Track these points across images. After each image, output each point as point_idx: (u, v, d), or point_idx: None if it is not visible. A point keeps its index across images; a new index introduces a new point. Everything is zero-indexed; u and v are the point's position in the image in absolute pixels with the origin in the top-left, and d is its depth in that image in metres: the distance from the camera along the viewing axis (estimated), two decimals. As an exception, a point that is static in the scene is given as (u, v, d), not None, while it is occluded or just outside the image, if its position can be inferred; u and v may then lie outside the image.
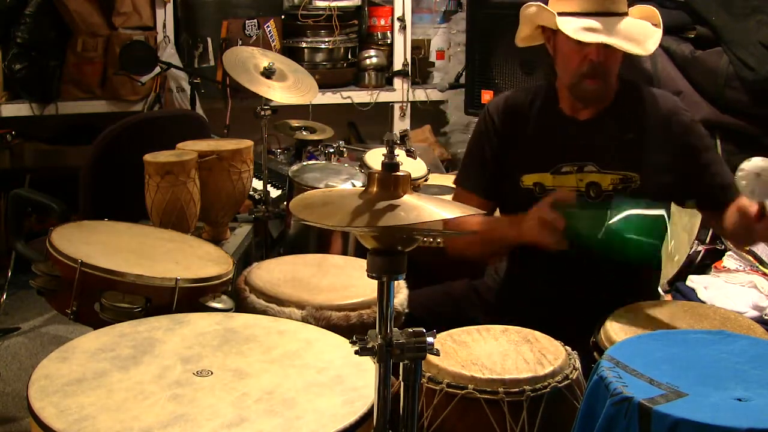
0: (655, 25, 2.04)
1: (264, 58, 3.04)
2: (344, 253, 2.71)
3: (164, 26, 4.21)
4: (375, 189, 1.32)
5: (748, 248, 2.81)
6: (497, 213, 2.28)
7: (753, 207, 1.80)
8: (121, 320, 1.79)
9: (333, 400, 1.47)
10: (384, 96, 4.65)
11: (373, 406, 1.37)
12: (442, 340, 1.76)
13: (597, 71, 2.00)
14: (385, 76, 4.66)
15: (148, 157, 2.37)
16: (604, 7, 1.97)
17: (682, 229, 3.18)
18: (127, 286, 1.87)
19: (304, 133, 3.54)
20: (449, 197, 2.45)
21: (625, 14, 2.02)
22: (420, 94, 4.70)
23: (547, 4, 2.05)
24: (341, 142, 3.35)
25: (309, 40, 4.48)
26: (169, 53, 4.14)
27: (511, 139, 2.16)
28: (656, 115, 2.09)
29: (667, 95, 2.18)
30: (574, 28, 1.95)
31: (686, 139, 2.07)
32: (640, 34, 1.98)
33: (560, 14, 1.98)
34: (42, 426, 1.36)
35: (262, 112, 3.04)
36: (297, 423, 1.39)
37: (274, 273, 2.14)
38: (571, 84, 2.05)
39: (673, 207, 2.21)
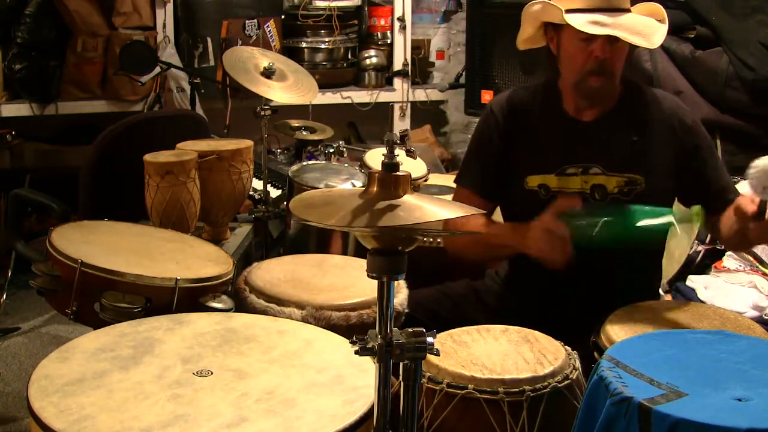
0: (660, 20, 2.04)
1: (264, 58, 3.04)
2: (344, 253, 2.72)
3: (164, 26, 4.21)
4: (375, 189, 1.32)
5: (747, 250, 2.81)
6: (498, 214, 2.28)
7: (751, 205, 1.78)
8: (121, 320, 1.79)
9: (333, 400, 1.47)
10: (384, 96, 4.65)
11: (373, 406, 1.37)
12: (442, 340, 1.76)
13: (603, 68, 2.00)
14: (385, 76, 4.66)
15: (148, 157, 2.37)
16: (609, 3, 1.98)
17: (682, 230, 3.18)
18: (127, 286, 1.87)
19: (304, 133, 3.54)
20: (449, 197, 2.45)
21: (628, 10, 2.02)
22: (420, 94, 4.70)
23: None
24: (341, 142, 3.35)
25: (309, 40, 4.48)
26: (169, 53, 4.14)
27: (515, 139, 2.15)
28: (660, 116, 2.08)
29: (669, 96, 2.17)
30: (581, 21, 1.95)
31: (689, 140, 2.07)
32: (646, 28, 1.99)
33: (566, 11, 1.98)
34: (42, 426, 1.36)
35: (262, 112, 3.04)
36: (297, 423, 1.39)
37: (274, 273, 2.14)
38: (576, 82, 2.04)
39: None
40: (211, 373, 1.54)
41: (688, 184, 2.08)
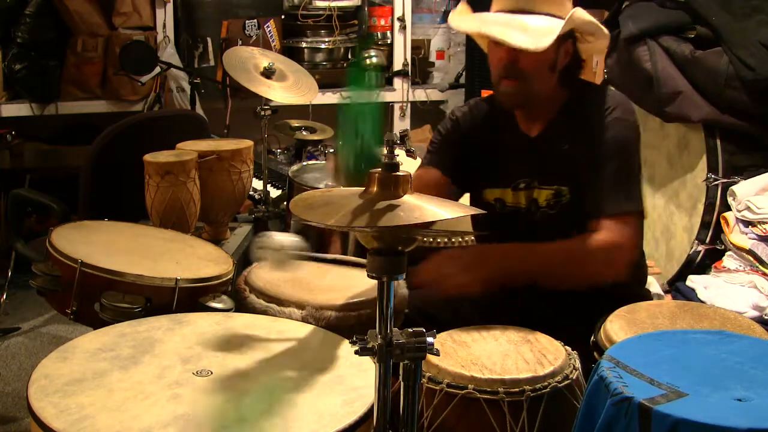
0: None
1: (264, 58, 3.05)
2: (344, 253, 2.71)
3: (164, 26, 4.21)
4: (375, 189, 1.32)
5: (747, 249, 2.81)
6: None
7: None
8: (121, 320, 1.79)
9: (333, 400, 1.46)
10: (384, 96, 4.65)
11: (373, 406, 1.37)
12: (442, 340, 1.76)
13: (511, 72, 1.96)
14: (385, 76, 4.66)
15: (148, 157, 2.37)
16: (516, 5, 1.93)
17: (683, 230, 3.18)
18: (127, 286, 1.87)
19: (304, 133, 3.55)
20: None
21: (549, 15, 1.93)
22: (420, 94, 4.70)
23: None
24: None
25: (309, 40, 4.48)
26: (169, 53, 4.15)
27: (473, 148, 2.16)
28: (590, 122, 2.00)
29: (615, 99, 2.02)
30: (462, 21, 1.97)
31: (607, 144, 1.96)
32: (542, 29, 1.89)
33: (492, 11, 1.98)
34: (42, 426, 1.36)
35: (262, 112, 3.05)
36: (297, 423, 1.39)
37: (274, 273, 2.14)
38: (494, 88, 2.04)
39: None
40: (211, 373, 1.54)
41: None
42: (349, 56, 4.59)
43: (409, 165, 1.44)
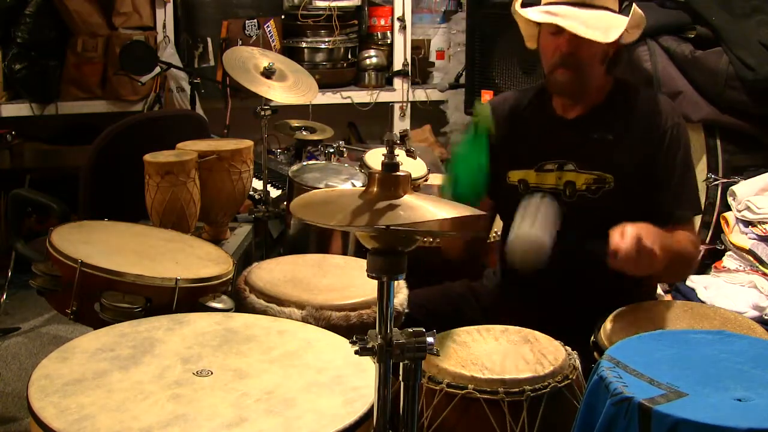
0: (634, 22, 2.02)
1: (264, 58, 3.04)
2: (344, 253, 2.71)
3: (164, 26, 4.21)
4: (375, 189, 1.32)
5: (747, 249, 2.81)
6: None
7: (616, 242, 1.73)
8: (121, 320, 1.79)
9: (333, 400, 1.47)
10: (384, 96, 4.65)
11: (373, 406, 1.37)
12: (442, 339, 1.76)
13: (567, 61, 2.00)
14: (385, 76, 4.66)
15: (148, 157, 2.37)
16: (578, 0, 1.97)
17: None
18: (127, 286, 1.87)
19: (304, 133, 3.54)
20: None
21: (605, 9, 1.98)
22: (420, 94, 4.70)
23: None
24: (341, 142, 3.35)
25: (309, 40, 4.48)
26: (169, 53, 4.14)
27: (504, 139, 2.17)
28: (641, 118, 2.06)
29: (662, 100, 2.12)
30: (533, 11, 1.98)
31: (662, 146, 2.03)
32: (605, 23, 1.95)
33: (543, 3, 2.01)
34: (42, 426, 1.36)
35: (262, 112, 3.04)
36: (297, 423, 1.39)
37: (274, 273, 2.14)
38: (547, 76, 2.07)
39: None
40: (211, 373, 1.54)
41: (647, 191, 2.03)
42: (349, 56, 4.59)
43: (409, 165, 1.44)
